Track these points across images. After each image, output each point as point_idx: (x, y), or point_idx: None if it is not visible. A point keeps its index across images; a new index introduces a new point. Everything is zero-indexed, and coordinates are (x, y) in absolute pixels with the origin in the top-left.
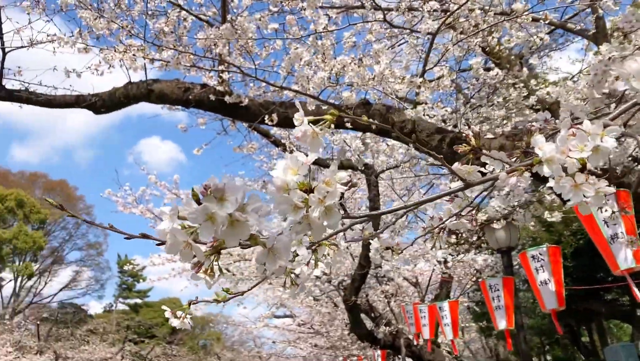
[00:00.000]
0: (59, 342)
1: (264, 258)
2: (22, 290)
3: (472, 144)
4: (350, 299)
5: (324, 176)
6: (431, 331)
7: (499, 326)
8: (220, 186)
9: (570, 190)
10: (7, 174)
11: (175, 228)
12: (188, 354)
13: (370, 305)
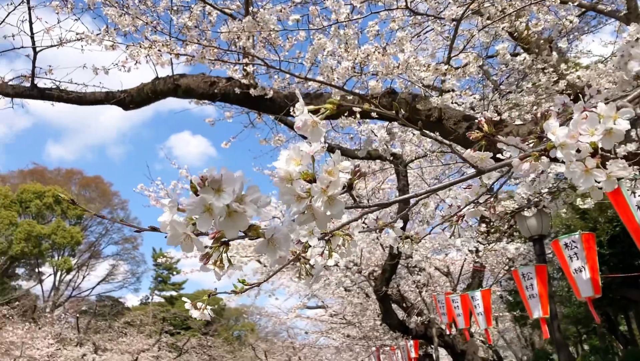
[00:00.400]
0: (98, 334)
1: (264, 249)
2: (62, 284)
3: (485, 130)
4: (381, 290)
5: (327, 165)
6: (466, 321)
7: (533, 315)
8: (217, 178)
9: (581, 175)
10: (44, 172)
11: (175, 219)
12: (223, 345)
13: (402, 295)
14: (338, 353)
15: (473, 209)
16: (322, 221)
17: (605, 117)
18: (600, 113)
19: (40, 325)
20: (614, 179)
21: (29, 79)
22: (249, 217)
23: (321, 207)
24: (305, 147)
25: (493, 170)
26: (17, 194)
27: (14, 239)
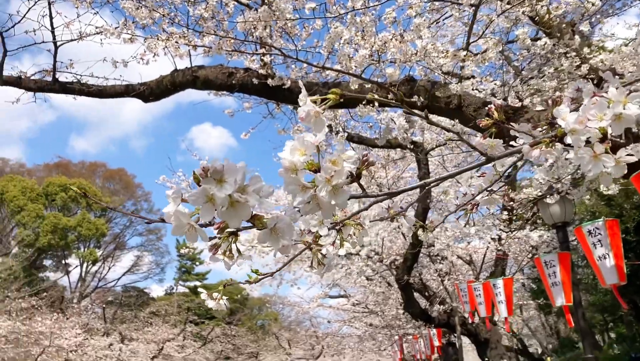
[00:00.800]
0: (124, 324)
1: (267, 238)
2: (88, 275)
3: (495, 117)
4: (403, 279)
5: (331, 155)
6: (487, 309)
7: (556, 303)
8: (218, 168)
9: (590, 161)
10: (68, 165)
11: (179, 210)
12: (247, 334)
13: (424, 284)
14: (361, 342)
15: (487, 198)
16: (327, 211)
17: (615, 102)
18: (609, 98)
19: (68, 316)
20: (623, 164)
21: (50, 74)
22: (252, 207)
23: (326, 196)
24: (310, 138)
25: (503, 157)
26: (43, 187)
27: (40, 231)
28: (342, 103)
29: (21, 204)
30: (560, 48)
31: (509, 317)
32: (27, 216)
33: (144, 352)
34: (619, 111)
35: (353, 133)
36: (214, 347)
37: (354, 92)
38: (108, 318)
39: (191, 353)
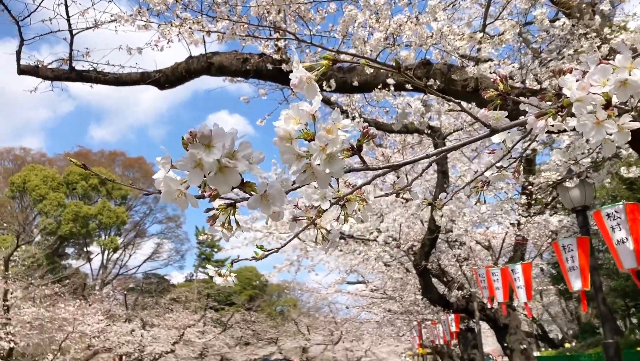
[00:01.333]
0: (145, 310)
1: (258, 204)
2: (109, 262)
3: (500, 89)
4: (421, 264)
5: (326, 123)
6: (505, 294)
7: (574, 287)
8: (206, 133)
9: (592, 128)
10: (88, 154)
11: (168, 176)
12: (266, 320)
13: (442, 270)
14: (379, 328)
15: (497, 174)
16: (323, 180)
17: (620, 68)
18: (615, 64)
19: (90, 302)
20: (627, 131)
21: (67, 62)
22: (241, 172)
23: (320, 165)
24: (305, 106)
25: (508, 128)
26: (64, 176)
27: (62, 220)
28: (357, 87)
29: (43, 193)
30: (580, 29)
31: (528, 302)
32: (48, 204)
33: (165, 338)
34: (624, 77)
35: (369, 119)
36: (234, 333)
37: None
38: (129, 305)
39: (211, 339)
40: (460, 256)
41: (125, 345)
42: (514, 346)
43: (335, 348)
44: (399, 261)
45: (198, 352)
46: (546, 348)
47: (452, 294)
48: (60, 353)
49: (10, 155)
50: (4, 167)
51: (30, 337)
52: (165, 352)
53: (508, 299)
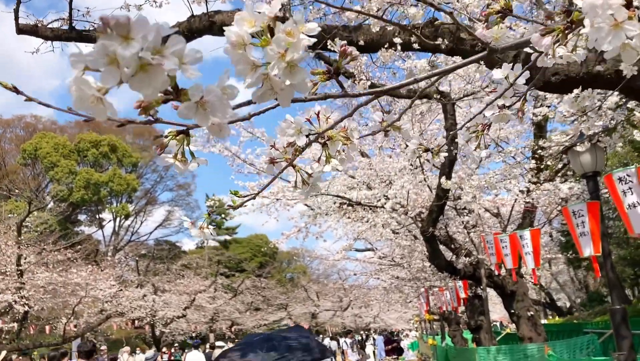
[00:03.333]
0: (157, 276)
1: (192, 114)
2: (121, 229)
3: (501, 5)
4: (428, 231)
5: (285, 25)
6: (514, 261)
7: (584, 253)
8: (123, 22)
9: (609, 32)
10: (98, 121)
11: (79, 77)
12: (276, 286)
13: (450, 237)
14: (387, 294)
15: (499, 114)
16: (283, 96)
17: None
18: None
19: (102, 268)
20: None
21: (67, 22)
22: (170, 73)
23: (279, 75)
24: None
25: (509, 49)
26: (75, 143)
27: (74, 187)
28: (364, 47)
29: (54, 160)
30: None
31: (536, 269)
32: (60, 172)
33: (176, 303)
34: None
35: (377, 83)
36: (244, 299)
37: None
38: (141, 271)
39: (222, 304)
40: (469, 223)
41: (138, 310)
42: (521, 313)
43: (344, 314)
44: (407, 229)
45: (209, 317)
46: (554, 316)
47: (459, 261)
48: (74, 317)
49: (21, 123)
50: (15, 134)
51: (44, 301)
52: (176, 317)
53: (517, 265)
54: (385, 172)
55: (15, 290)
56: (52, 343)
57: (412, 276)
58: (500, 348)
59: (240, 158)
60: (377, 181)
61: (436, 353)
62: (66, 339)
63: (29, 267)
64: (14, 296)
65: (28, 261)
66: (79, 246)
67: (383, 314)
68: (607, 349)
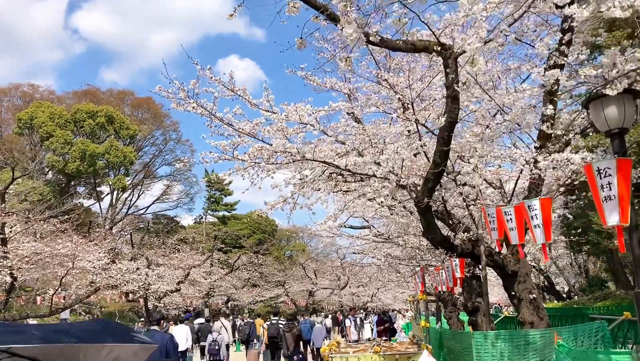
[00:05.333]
0: (152, 250)
1: None
2: (119, 202)
3: None
4: (423, 201)
5: None
6: (520, 235)
7: (609, 222)
8: None
9: None
10: (96, 93)
11: None
12: (274, 263)
13: (448, 212)
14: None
15: None
16: None
17: None
18: None
19: (91, 239)
20: None
21: None
22: None
23: None
24: None
25: None
26: (71, 114)
27: (69, 157)
28: None
29: (49, 130)
30: None
31: (547, 243)
32: (55, 142)
33: (170, 277)
34: None
35: (371, 32)
36: (241, 275)
37: None
38: (136, 244)
39: (217, 280)
40: (469, 198)
41: (131, 283)
42: (523, 296)
43: (342, 293)
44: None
45: (204, 292)
46: (551, 300)
47: (457, 237)
48: (62, 289)
49: (18, 91)
50: (12, 103)
51: (29, 272)
52: (170, 291)
53: (524, 240)
54: (380, 138)
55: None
56: (39, 315)
57: (408, 255)
58: (499, 333)
59: (216, 117)
60: (369, 148)
61: (429, 335)
62: (54, 310)
63: (13, 235)
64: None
65: (13, 230)
66: (66, 216)
67: (380, 293)
68: (616, 337)
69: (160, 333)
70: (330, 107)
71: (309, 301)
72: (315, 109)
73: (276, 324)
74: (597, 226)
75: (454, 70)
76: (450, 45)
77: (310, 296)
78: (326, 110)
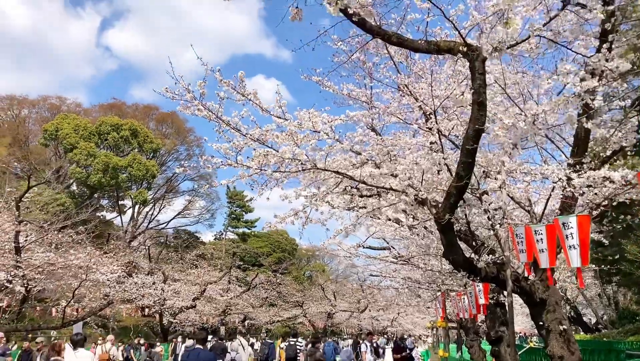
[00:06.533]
0: (170, 265)
1: None
2: (140, 216)
3: None
4: (444, 218)
5: None
6: (551, 258)
7: None
8: None
9: None
10: (122, 106)
11: None
12: (292, 283)
13: (472, 232)
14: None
15: None
16: None
17: None
18: None
19: (106, 251)
20: None
21: None
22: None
23: None
24: None
25: None
26: (96, 126)
27: (92, 169)
28: None
29: (73, 142)
30: None
31: (582, 268)
32: (79, 153)
33: (186, 293)
34: None
35: (390, 32)
36: (259, 293)
37: None
38: (153, 258)
39: (234, 298)
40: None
41: (146, 298)
42: (552, 326)
43: (361, 316)
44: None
45: (221, 309)
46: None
47: (480, 259)
48: (75, 301)
49: (46, 104)
50: (40, 115)
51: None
52: (185, 307)
53: (555, 264)
54: (399, 149)
55: (12, 268)
56: (50, 326)
57: (428, 279)
58: None
59: (222, 120)
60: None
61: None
62: (65, 323)
63: (27, 245)
64: (7, 275)
65: (27, 240)
66: (83, 226)
67: (401, 318)
68: None
69: (204, 352)
70: (348, 116)
71: (327, 323)
72: (332, 117)
73: (294, 345)
74: (632, 255)
75: (482, 73)
76: (478, 46)
77: (329, 318)
78: (343, 119)
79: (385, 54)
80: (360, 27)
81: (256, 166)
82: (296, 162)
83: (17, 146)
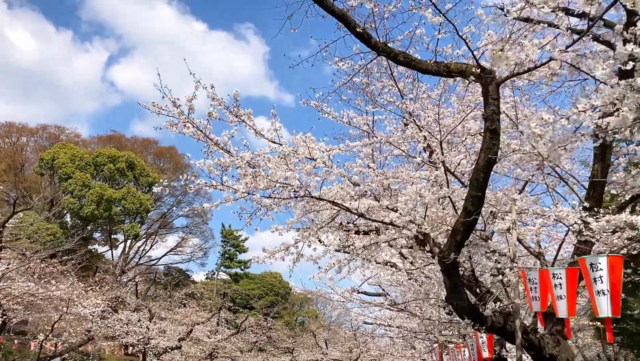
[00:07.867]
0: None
1: None
2: (131, 251)
3: None
4: (449, 257)
5: None
6: (571, 307)
7: None
8: None
9: None
10: (121, 138)
11: None
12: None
13: (476, 278)
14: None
15: None
16: None
17: None
18: None
19: (91, 284)
20: None
21: None
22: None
23: None
24: None
25: None
26: (92, 157)
27: (86, 201)
28: None
29: (69, 171)
30: None
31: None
32: (73, 183)
33: (171, 333)
34: None
35: (397, 50)
36: (248, 337)
37: None
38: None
39: (222, 340)
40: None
41: (130, 335)
42: None
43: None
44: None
45: (207, 352)
46: None
47: (487, 307)
48: (54, 335)
49: (45, 132)
50: (38, 144)
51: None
52: (170, 348)
53: (574, 313)
54: (400, 183)
55: None
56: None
57: (425, 328)
58: None
59: (210, 139)
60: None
61: None
62: (42, 358)
63: (7, 273)
64: None
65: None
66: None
67: None
68: None
69: None
70: (348, 147)
71: None
72: (329, 146)
73: None
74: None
75: (496, 98)
76: (492, 69)
77: None
78: (342, 148)
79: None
80: (365, 42)
81: (243, 189)
82: (289, 188)
83: (13, 173)
